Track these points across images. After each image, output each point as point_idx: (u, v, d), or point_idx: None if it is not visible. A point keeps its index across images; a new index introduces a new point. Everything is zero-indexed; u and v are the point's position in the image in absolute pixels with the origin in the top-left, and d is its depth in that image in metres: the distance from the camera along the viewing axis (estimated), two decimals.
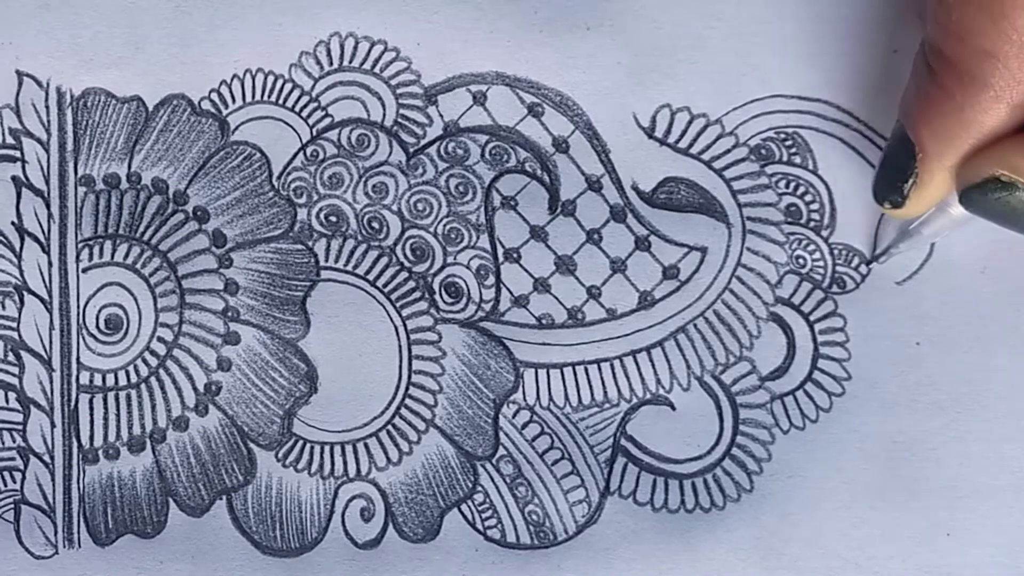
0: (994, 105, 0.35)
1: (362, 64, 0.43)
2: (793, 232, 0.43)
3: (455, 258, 0.43)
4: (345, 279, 0.43)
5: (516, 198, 0.43)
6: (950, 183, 0.37)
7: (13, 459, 0.43)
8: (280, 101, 0.43)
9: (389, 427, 0.43)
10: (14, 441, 0.43)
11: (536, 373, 0.43)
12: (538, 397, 0.43)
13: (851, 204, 0.42)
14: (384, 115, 0.43)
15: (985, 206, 0.36)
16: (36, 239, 0.43)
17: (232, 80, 0.43)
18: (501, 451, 0.43)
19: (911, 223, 0.41)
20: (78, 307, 0.43)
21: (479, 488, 0.43)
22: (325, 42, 0.43)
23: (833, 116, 0.42)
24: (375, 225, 0.43)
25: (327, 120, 0.43)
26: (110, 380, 0.43)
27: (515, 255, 0.43)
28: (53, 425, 0.43)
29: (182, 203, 0.43)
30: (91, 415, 0.43)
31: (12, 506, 0.43)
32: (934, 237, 0.41)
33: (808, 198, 0.43)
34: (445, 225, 0.43)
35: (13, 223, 0.43)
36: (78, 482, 0.43)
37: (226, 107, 0.43)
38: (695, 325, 0.43)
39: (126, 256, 0.43)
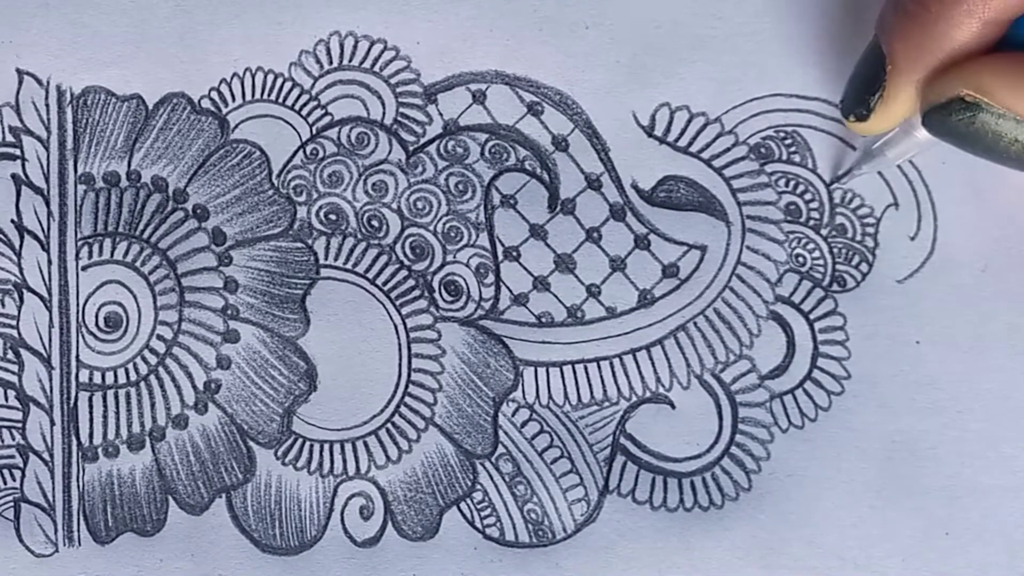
0: (966, 20, 0.35)
1: (362, 63, 0.43)
2: (793, 230, 0.43)
3: (455, 256, 0.43)
4: (345, 277, 0.43)
5: (516, 196, 0.43)
6: (916, 101, 0.37)
7: (13, 457, 0.43)
8: (280, 99, 0.43)
9: (388, 425, 0.43)
10: (14, 439, 0.43)
11: (535, 371, 0.43)
12: (537, 395, 0.43)
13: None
14: (384, 114, 0.43)
15: (947, 127, 0.36)
16: (36, 237, 0.43)
17: (232, 78, 0.43)
18: (500, 449, 0.43)
19: (874, 143, 0.40)
20: (77, 305, 0.43)
21: (478, 486, 0.43)
22: (325, 41, 0.43)
23: (832, 115, 0.42)
24: (375, 223, 0.43)
25: (327, 118, 0.43)
26: (109, 378, 0.43)
27: (515, 253, 0.43)
28: (52, 423, 0.43)
29: (182, 201, 0.43)
30: (91, 413, 0.43)
31: (12, 504, 0.43)
32: (897, 159, 0.40)
33: (807, 196, 0.43)
34: (445, 223, 0.43)
35: (13, 221, 0.43)
36: (78, 480, 0.43)
37: (226, 105, 0.43)
38: (695, 323, 0.43)
39: (126, 254, 0.43)
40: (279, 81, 0.43)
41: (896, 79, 0.37)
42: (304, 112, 0.43)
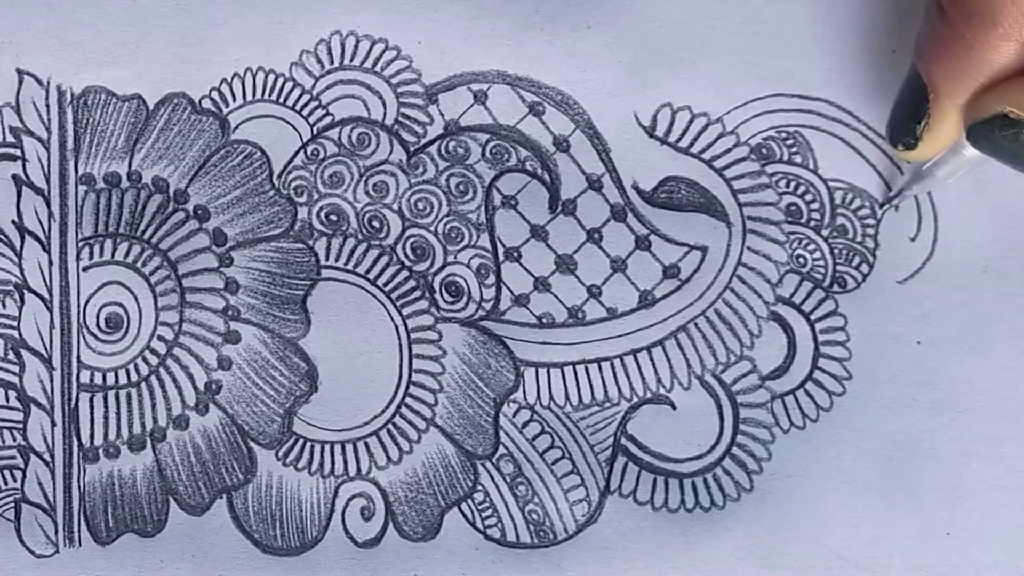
0: (1003, 43, 0.36)
1: (363, 63, 0.43)
2: (794, 231, 0.43)
3: (455, 257, 0.43)
4: (346, 278, 0.43)
5: (516, 197, 0.43)
6: (961, 124, 0.38)
7: (14, 458, 0.43)
8: (281, 100, 0.43)
9: (389, 426, 0.43)
10: (14, 440, 0.43)
11: (536, 372, 0.43)
12: (538, 396, 0.43)
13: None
14: (385, 114, 0.43)
15: (992, 143, 0.37)
16: (36, 238, 0.43)
17: (233, 79, 0.43)
18: (501, 450, 0.43)
19: (924, 165, 0.41)
20: (78, 306, 0.43)
21: (479, 487, 0.43)
22: (326, 41, 0.43)
23: (834, 115, 0.42)
24: (375, 224, 0.43)
25: (328, 119, 0.43)
26: (110, 379, 0.43)
27: (515, 254, 0.43)
28: (53, 424, 0.43)
29: (182, 202, 0.43)
30: (91, 414, 0.43)
31: (13, 505, 0.43)
32: (947, 179, 0.41)
33: (809, 197, 0.43)
34: (445, 224, 0.43)
35: (13, 222, 0.43)
36: (78, 481, 0.43)
37: (227, 105, 0.43)
38: (696, 324, 0.43)
39: (126, 255, 0.43)
40: (280, 81, 0.43)
41: (939, 105, 0.38)
42: (305, 112, 0.43)
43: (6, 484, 0.43)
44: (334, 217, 0.43)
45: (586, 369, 0.43)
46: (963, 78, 0.37)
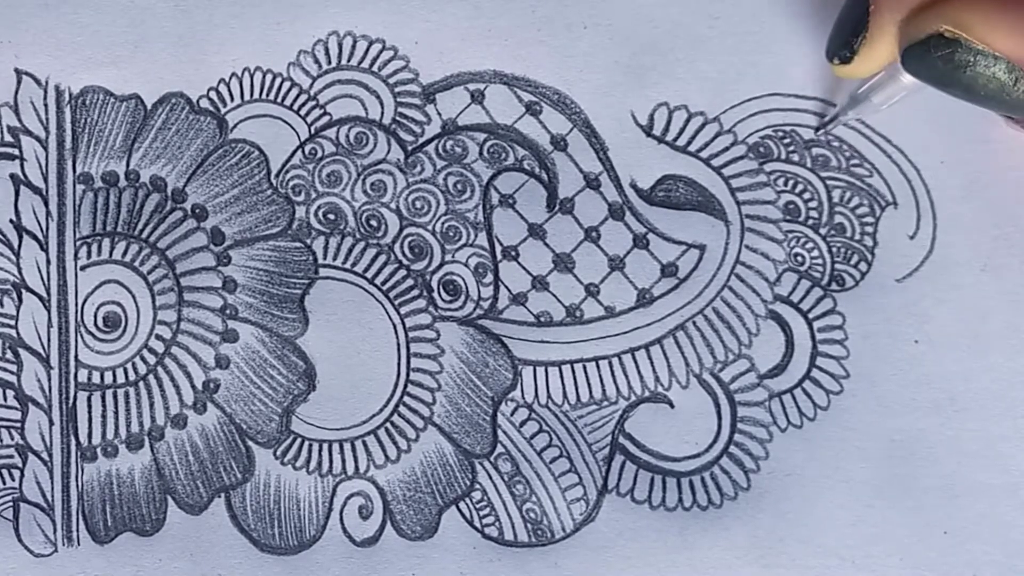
0: None
1: (360, 62, 0.43)
2: (792, 230, 0.43)
3: (453, 256, 0.43)
4: (343, 277, 0.43)
5: (514, 196, 0.43)
6: (898, 44, 0.37)
7: (12, 457, 0.43)
8: (279, 99, 0.43)
9: (387, 425, 0.43)
10: (12, 439, 0.43)
11: (534, 371, 0.43)
12: (536, 395, 0.43)
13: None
14: (382, 113, 0.43)
15: (926, 64, 0.36)
16: (34, 237, 0.43)
17: (231, 78, 0.43)
18: (499, 449, 0.43)
19: (860, 88, 0.40)
20: (76, 305, 0.43)
21: (477, 486, 0.43)
22: (323, 41, 0.43)
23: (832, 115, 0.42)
24: (373, 223, 0.43)
25: (325, 118, 0.43)
26: (108, 378, 0.43)
27: (513, 253, 0.43)
28: (51, 423, 0.43)
29: (180, 201, 0.43)
30: (89, 413, 0.43)
31: (11, 504, 0.43)
32: (882, 104, 0.40)
33: (806, 196, 0.43)
34: (443, 223, 0.43)
35: (11, 221, 0.43)
36: (77, 480, 0.43)
37: (224, 105, 0.43)
38: (694, 323, 0.43)
39: (124, 254, 0.43)
40: (278, 81, 0.43)
41: (879, 19, 0.37)
42: (303, 112, 0.43)
43: (4, 483, 0.43)
44: (332, 216, 0.43)
45: (584, 368, 0.43)
46: None
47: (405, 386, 0.43)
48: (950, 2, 0.35)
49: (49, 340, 0.43)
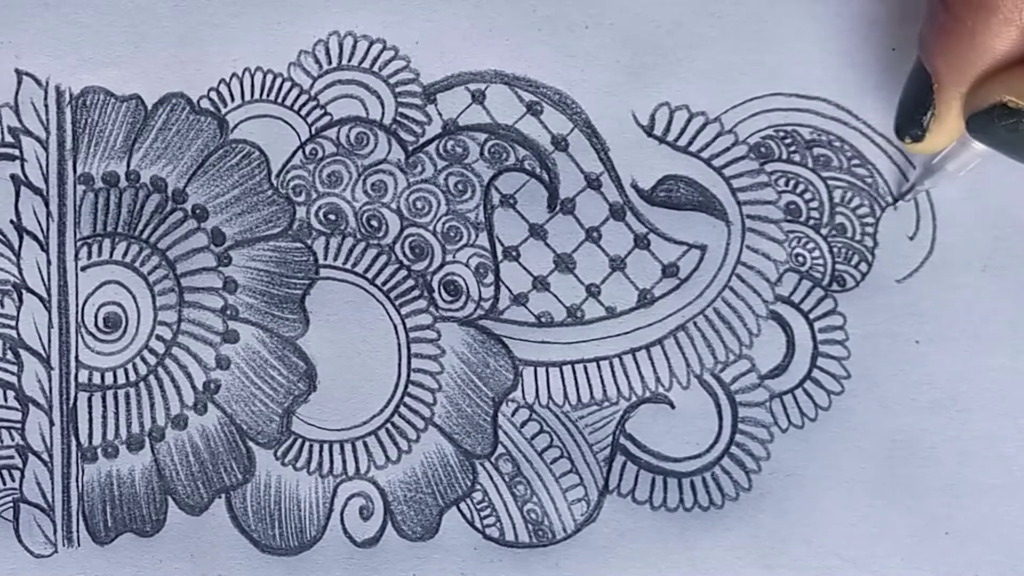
0: (1004, 28, 0.36)
1: (361, 63, 0.43)
2: (793, 230, 0.43)
3: (454, 256, 0.43)
4: (344, 277, 0.43)
5: (515, 196, 0.43)
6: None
7: (12, 458, 0.43)
8: (279, 99, 0.43)
9: (388, 425, 0.43)
10: (13, 439, 0.43)
11: (535, 371, 0.43)
12: (537, 395, 0.43)
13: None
14: (383, 113, 0.43)
15: (991, 133, 0.36)
16: (35, 237, 0.43)
17: (231, 79, 0.43)
18: (500, 449, 0.43)
19: (933, 159, 0.41)
20: (77, 305, 0.43)
21: (478, 486, 0.43)
22: (324, 41, 0.43)
23: (832, 114, 0.42)
24: (374, 223, 0.43)
25: (326, 118, 0.43)
26: (109, 378, 0.43)
27: (514, 253, 0.43)
28: (52, 423, 0.43)
29: (181, 201, 0.43)
30: (90, 413, 0.43)
31: (11, 505, 0.43)
32: (958, 172, 0.40)
33: (807, 196, 0.43)
34: (444, 223, 0.43)
35: (12, 221, 0.43)
36: (77, 481, 0.43)
37: (225, 105, 0.43)
38: (694, 323, 0.43)
39: (125, 254, 0.43)
40: (278, 81, 0.43)
41: (944, 96, 0.37)
42: (303, 112, 0.43)
43: (4, 484, 0.43)
44: (332, 216, 0.43)
45: (585, 368, 0.43)
46: (965, 66, 0.36)
47: (406, 387, 0.43)
48: (1010, 72, 0.36)
49: (49, 341, 0.43)
